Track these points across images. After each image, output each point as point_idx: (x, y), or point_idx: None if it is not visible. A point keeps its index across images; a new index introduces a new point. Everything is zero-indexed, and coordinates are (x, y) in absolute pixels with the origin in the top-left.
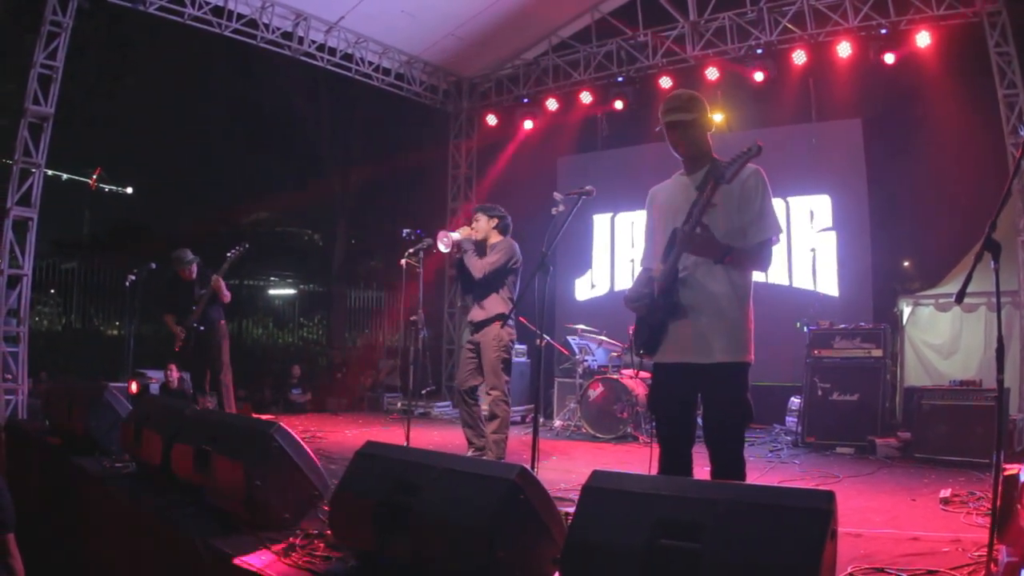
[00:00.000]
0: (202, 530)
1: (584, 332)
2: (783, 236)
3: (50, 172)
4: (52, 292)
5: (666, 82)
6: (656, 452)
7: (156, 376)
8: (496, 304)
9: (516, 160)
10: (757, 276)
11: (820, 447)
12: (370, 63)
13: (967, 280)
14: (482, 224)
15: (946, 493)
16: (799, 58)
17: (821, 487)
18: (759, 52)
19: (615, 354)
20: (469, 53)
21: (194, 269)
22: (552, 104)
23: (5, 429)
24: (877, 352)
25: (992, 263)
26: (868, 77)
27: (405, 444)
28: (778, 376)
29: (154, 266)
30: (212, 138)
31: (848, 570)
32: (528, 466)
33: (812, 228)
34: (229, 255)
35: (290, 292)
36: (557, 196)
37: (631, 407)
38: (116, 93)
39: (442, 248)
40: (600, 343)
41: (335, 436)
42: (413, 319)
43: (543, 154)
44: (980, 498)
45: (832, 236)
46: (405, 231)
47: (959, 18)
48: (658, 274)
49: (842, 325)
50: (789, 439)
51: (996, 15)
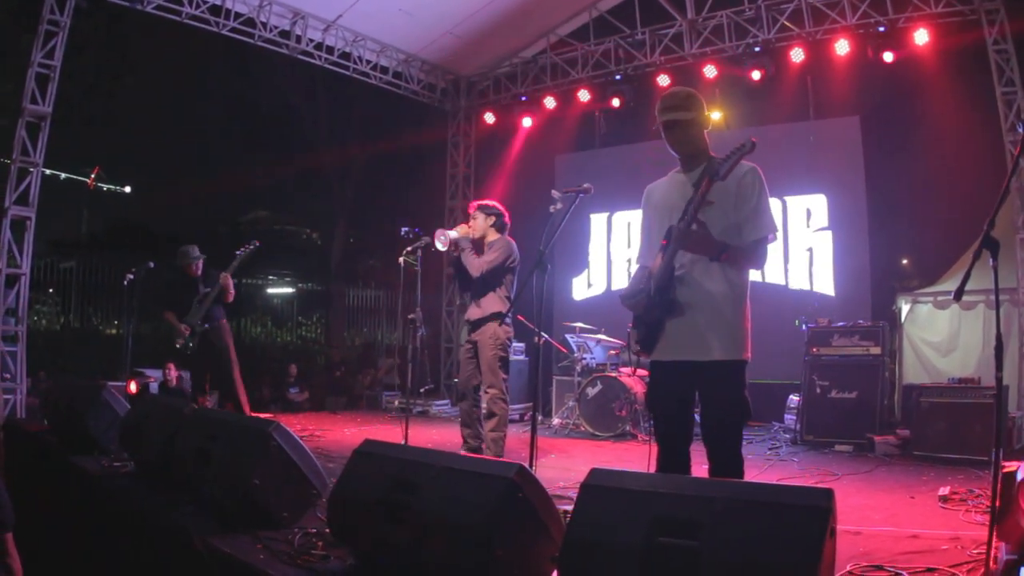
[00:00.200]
0: (201, 529)
1: (582, 330)
2: (780, 235)
3: (48, 171)
4: (50, 291)
5: (664, 80)
6: (654, 450)
7: (155, 375)
8: (493, 303)
9: (514, 158)
10: (754, 275)
11: (819, 445)
12: (368, 61)
13: (966, 277)
14: (479, 222)
15: (945, 491)
16: (797, 56)
17: (820, 485)
18: (757, 50)
19: (613, 352)
20: (467, 51)
21: (200, 266)
22: (550, 102)
23: (4, 428)
24: (876, 350)
25: (991, 261)
26: (866, 75)
27: (403, 443)
28: (776, 374)
29: (152, 265)
30: (210, 137)
31: (847, 568)
32: (526, 464)
33: (809, 228)
34: (239, 253)
35: (288, 291)
36: (555, 194)
37: (629, 405)
38: (114, 93)
39: (439, 246)
40: (598, 341)
41: (333, 435)
42: (411, 317)
43: (541, 152)
44: (979, 496)
45: (828, 236)
46: (403, 229)
47: (957, 16)
48: (655, 272)
49: (840, 323)
50: (788, 437)
51: (994, 13)
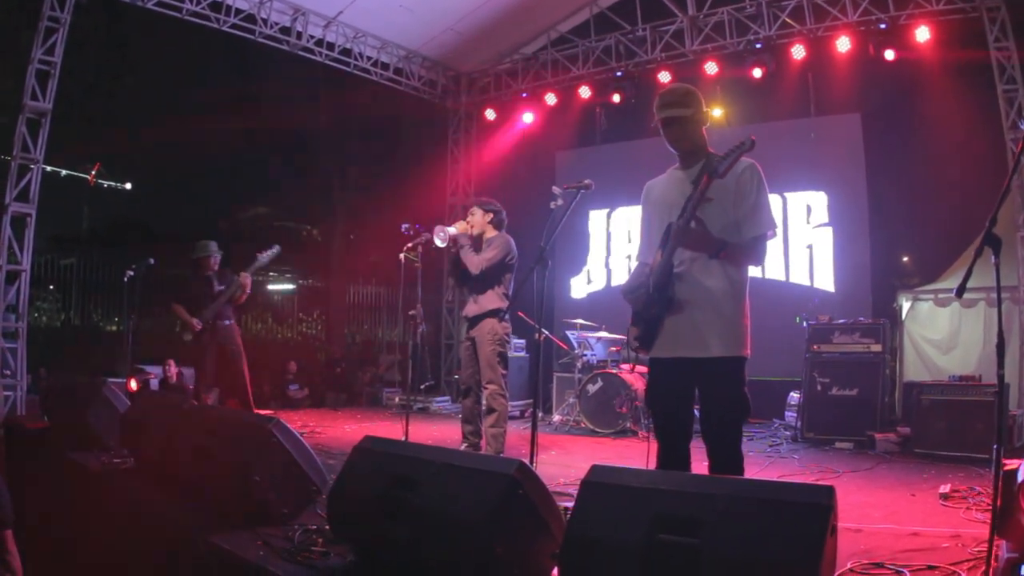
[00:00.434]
0: (201, 526)
1: (583, 327)
2: (781, 231)
3: (48, 168)
4: (51, 288)
5: (665, 77)
6: (655, 447)
7: (155, 371)
8: (492, 299)
9: (515, 154)
10: (755, 271)
11: (819, 442)
12: (369, 58)
13: (967, 275)
14: (478, 218)
15: (946, 488)
16: (798, 53)
17: (821, 482)
18: (758, 47)
19: (614, 349)
20: (468, 48)
21: (216, 261)
22: (551, 99)
23: (4, 425)
24: (876, 347)
25: (992, 258)
26: (867, 72)
27: (404, 439)
28: (777, 371)
29: (152, 261)
30: (211, 133)
31: (848, 565)
32: (527, 461)
33: (809, 224)
34: (260, 256)
35: (289, 287)
36: (556, 190)
37: (630, 402)
38: (115, 89)
39: (438, 243)
40: (599, 338)
41: (334, 431)
42: (412, 314)
43: (542, 148)
44: (980, 494)
45: (828, 232)
46: (404, 226)
47: (959, 13)
48: (654, 269)
49: (841, 320)
50: (788, 434)
51: (995, 10)
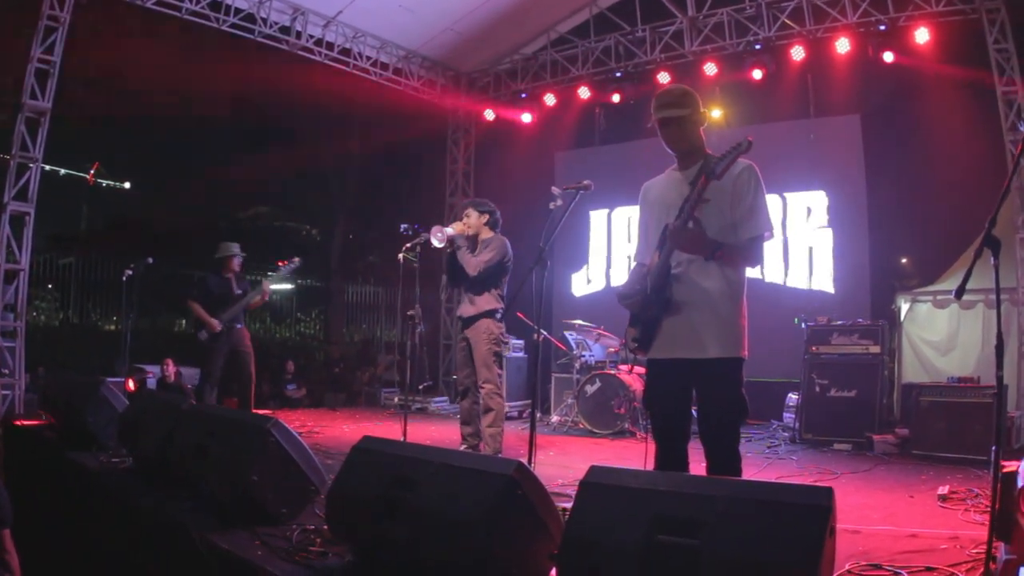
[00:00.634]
0: (199, 525)
1: (581, 327)
2: (780, 232)
3: (47, 167)
4: (49, 287)
5: (664, 77)
6: (652, 448)
7: (153, 371)
8: (488, 300)
9: (514, 155)
10: (754, 273)
11: (817, 443)
12: (368, 58)
13: (967, 276)
14: (473, 219)
15: (944, 490)
16: (798, 54)
17: (819, 483)
18: (757, 48)
19: (612, 349)
20: (467, 48)
21: (238, 264)
22: (550, 99)
23: (2, 424)
24: (875, 348)
25: (992, 259)
26: (867, 73)
27: (402, 439)
28: (776, 372)
29: (151, 261)
30: (210, 133)
31: (846, 567)
32: (525, 461)
33: (809, 225)
34: (283, 266)
35: (287, 287)
36: (555, 190)
37: (628, 403)
38: (114, 88)
39: (435, 243)
40: (597, 338)
41: (332, 431)
42: (410, 314)
43: (541, 149)
44: (978, 495)
45: (828, 234)
46: (403, 226)
47: (958, 14)
48: (651, 270)
49: (840, 321)
50: (786, 435)
51: (995, 12)
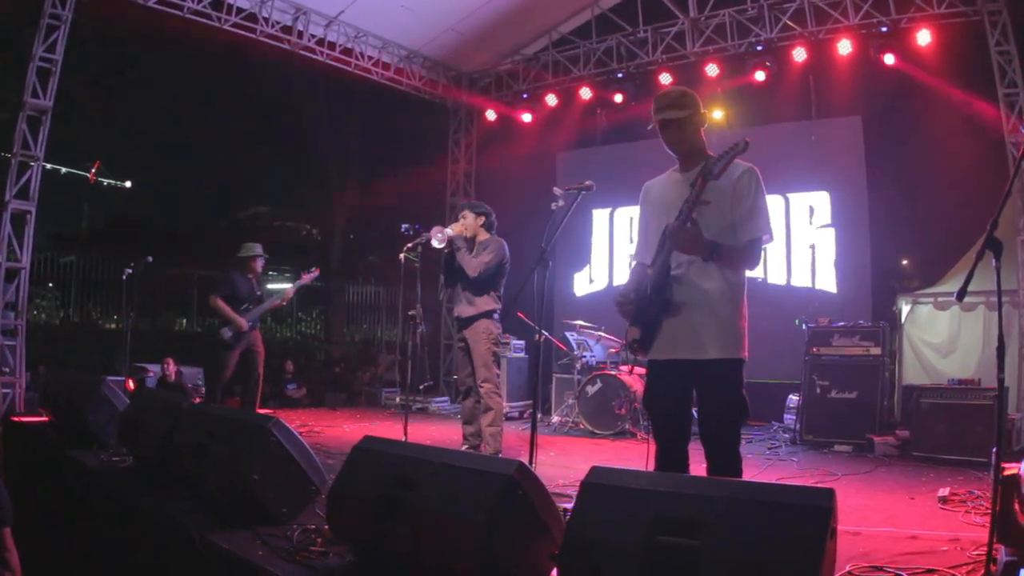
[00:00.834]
0: (199, 524)
1: (582, 328)
2: (783, 233)
3: (49, 166)
4: (50, 286)
5: (666, 78)
6: (653, 448)
7: (153, 369)
8: (487, 301)
9: (515, 155)
10: (755, 273)
11: (818, 445)
12: (370, 58)
13: (968, 278)
14: (469, 221)
15: (944, 492)
16: (799, 55)
17: (820, 485)
18: (759, 49)
19: (613, 350)
20: (469, 48)
21: (261, 264)
22: (552, 99)
23: (2, 423)
24: (876, 350)
25: (993, 261)
26: (868, 75)
27: (403, 439)
28: (776, 373)
29: (151, 260)
30: (211, 133)
31: (847, 568)
32: (526, 461)
33: (811, 225)
34: (304, 276)
35: (288, 286)
36: (557, 191)
37: (629, 403)
38: (116, 88)
39: (436, 244)
40: (598, 339)
41: (333, 431)
42: (411, 314)
43: (542, 149)
44: (979, 497)
45: (831, 233)
46: (404, 226)
47: (960, 16)
48: (652, 271)
49: (841, 323)
50: (787, 436)
51: (997, 14)
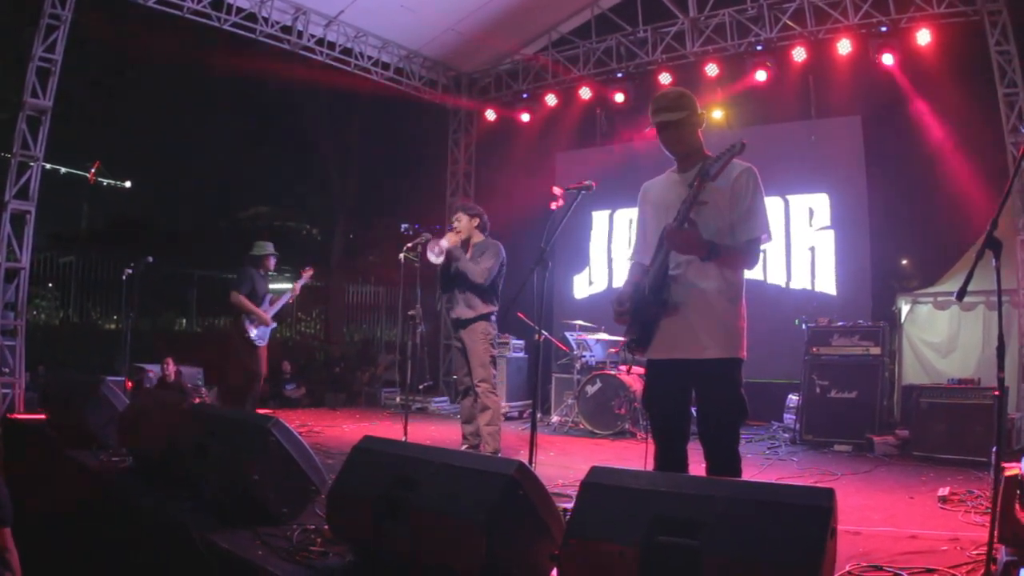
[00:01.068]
0: (199, 524)
1: (582, 328)
2: (783, 235)
3: (48, 166)
4: (50, 286)
5: (666, 78)
6: (652, 448)
7: (153, 370)
8: (485, 304)
9: (515, 155)
10: (755, 274)
11: (818, 444)
12: (369, 58)
13: (968, 278)
14: (464, 223)
15: (944, 491)
16: (799, 55)
17: (820, 485)
18: (759, 49)
19: (613, 350)
20: (469, 48)
21: (274, 262)
22: (551, 99)
23: (2, 423)
24: (875, 350)
25: (993, 261)
26: (868, 75)
27: (403, 439)
28: (776, 373)
29: (151, 260)
30: (211, 133)
31: (846, 568)
32: (526, 461)
33: (811, 227)
34: (304, 274)
35: (288, 286)
36: (556, 191)
37: (628, 403)
38: (116, 88)
39: (433, 259)
40: (598, 339)
41: (333, 431)
42: (411, 314)
43: (542, 149)
44: (978, 497)
45: (830, 235)
46: (404, 226)
47: (960, 16)
48: (650, 271)
49: (841, 323)
50: (787, 436)
51: (997, 14)
